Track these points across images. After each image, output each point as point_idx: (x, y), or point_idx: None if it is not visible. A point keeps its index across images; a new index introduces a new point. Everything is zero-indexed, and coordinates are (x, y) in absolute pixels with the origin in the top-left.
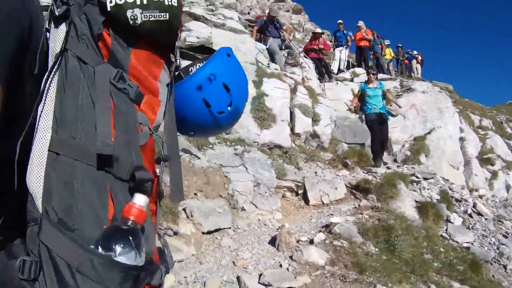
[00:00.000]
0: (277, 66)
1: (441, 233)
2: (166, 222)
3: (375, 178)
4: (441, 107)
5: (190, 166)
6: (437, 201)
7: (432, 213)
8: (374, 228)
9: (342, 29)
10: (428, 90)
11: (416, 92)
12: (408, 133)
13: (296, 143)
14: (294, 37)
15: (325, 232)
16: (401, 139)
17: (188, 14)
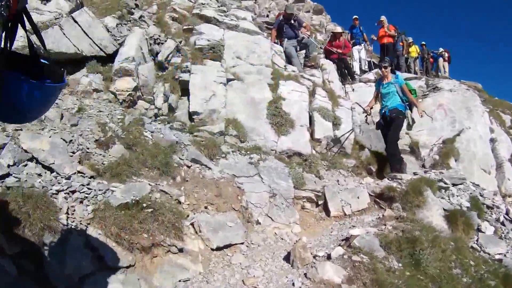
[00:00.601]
0: (294, 68)
1: (471, 244)
2: (169, 238)
3: (400, 185)
4: (469, 106)
5: (200, 178)
6: (467, 209)
7: (461, 222)
8: (397, 241)
9: (358, 25)
10: (455, 89)
11: (443, 91)
12: (436, 136)
13: (316, 150)
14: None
15: (344, 246)
16: (429, 143)
17: (199, 17)
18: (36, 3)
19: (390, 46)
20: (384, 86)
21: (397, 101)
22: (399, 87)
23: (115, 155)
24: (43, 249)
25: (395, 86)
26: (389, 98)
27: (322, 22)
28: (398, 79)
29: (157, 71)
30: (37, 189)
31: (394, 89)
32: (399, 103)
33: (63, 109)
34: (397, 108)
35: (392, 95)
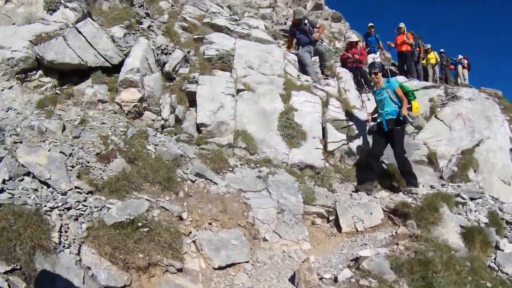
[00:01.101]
0: (308, 77)
1: (488, 263)
2: (166, 258)
3: (416, 200)
4: (489, 116)
5: (205, 193)
6: (485, 225)
7: (479, 239)
8: (409, 263)
9: (373, 32)
10: (474, 97)
11: (462, 100)
12: (455, 146)
13: (329, 162)
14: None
15: (353, 268)
16: (448, 153)
17: (210, 26)
18: (42, 13)
19: (408, 53)
20: (377, 93)
21: (391, 107)
22: (392, 91)
23: (115, 169)
24: (34, 267)
25: (387, 92)
26: (383, 105)
27: (341, 30)
28: (390, 83)
29: (164, 81)
30: (29, 206)
31: (386, 95)
32: (393, 110)
33: (66, 121)
34: (392, 117)
35: (385, 102)
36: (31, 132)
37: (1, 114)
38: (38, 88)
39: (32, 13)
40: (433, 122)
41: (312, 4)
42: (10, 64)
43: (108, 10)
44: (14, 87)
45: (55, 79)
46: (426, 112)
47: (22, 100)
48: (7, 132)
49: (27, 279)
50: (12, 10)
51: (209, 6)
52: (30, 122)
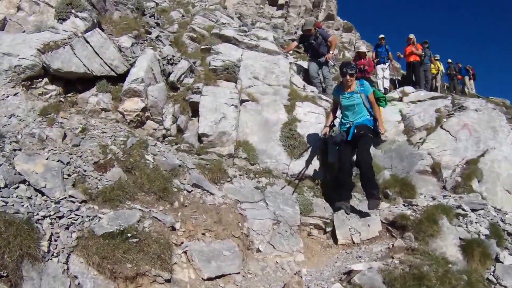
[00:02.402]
0: (313, 88)
1: (487, 275)
2: (154, 269)
3: (415, 212)
4: (495, 126)
5: (200, 203)
6: (485, 237)
7: (478, 252)
8: (403, 277)
9: (384, 44)
10: (481, 108)
11: (468, 111)
12: (459, 156)
13: (330, 173)
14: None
15: (344, 282)
16: (452, 163)
17: (219, 37)
18: (53, 22)
19: (417, 64)
20: (346, 97)
21: (365, 115)
22: (366, 97)
23: (111, 178)
24: (20, 275)
25: (361, 96)
26: (354, 111)
27: (351, 40)
28: (365, 87)
29: (168, 91)
30: (21, 215)
31: (359, 100)
32: (366, 119)
33: (67, 129)
34: (366, 124)
35: (358, 109)
36: (31, 140)
37: (3, 121)
38: (42, 96)
39: (43, 22)
40: (439, 132)
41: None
42: (16, 71)
43: (118, 20)
44: (19, 94)
45: (60, 87)
46: (432, 123)
47: (26, 107)
48: (8, 139)
49: (13, 286)
50: (23, 18)
51: (219, 17)
52: (31, 130)
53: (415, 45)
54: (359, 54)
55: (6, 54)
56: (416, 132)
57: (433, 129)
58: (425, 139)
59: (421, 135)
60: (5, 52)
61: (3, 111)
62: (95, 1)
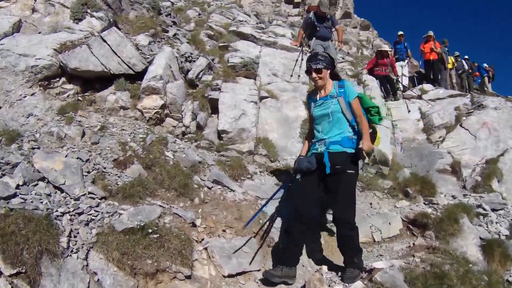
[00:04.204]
0: None
1: (507, 277)
2: (175, 265)
3: (436, 211)
4: None
5: (221, 200)
6: (505, 237)
7: (498, 252)
8: (424, 276)
9: (403, 41)
10: (500, 106)
11: (487, 109)
12: (479, 155)
13: None
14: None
15: (365, 280)
16: (472, 162)
17: (236, 34)
18: (68, 22)
19: (436, 62)
20: (318, 104)
21: (344, 130)
22: (346, 103)
23: (131, 175)
24: (39, 271)
25: (339, 102)
26: (328, 122)
27: (369, 38)
28: (346, 89)
29: (187, 89)
30: (40, 212)
31: (336, 107)
32: (344, 136)
33: (86, 127)
34: (342, 149)
35: (333, 118)
36: (49, 138)
37: (21, 120)
38: (60, 95)
39: (59, 23)
40: (458, 131)
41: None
42: (33, 71)
43: (134, 19)
44: (36, 94)
45: (78, 86)
46: (451, 121)
47: (44, 107)
48: (26, 138)
49: (31, 282)
50: (38, 19)
51: (236, 14)
52: (50, 128)
53: (434, 43)
54: (381, 52)
55: (22, 55)
56: (436, 130)
57: (453, 128)
58: (444, 137)
59: (441, 133)
60: (21, 53)
61: (21, 111)
62: (110, 1)
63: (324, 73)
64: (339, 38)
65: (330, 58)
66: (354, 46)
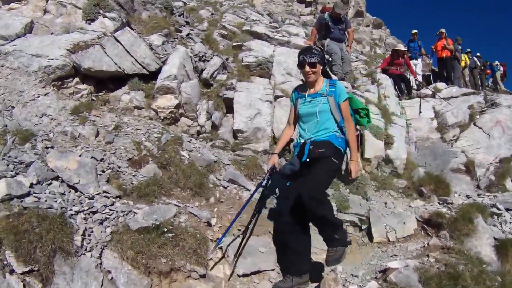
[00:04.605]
0: (347, 84)
1: None
2: (189, 264)
3: (450, 210)
4: None
5: (237, 199)
6: None
7: None
8: (438, 276)
9: (417, 39)
10: None
11: (501, 107)
12: (493, 154)
13: (366, 170)
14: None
15: (380, 280)
16: (486, 162)
17: (250, 33)
18: (81, 23)
19: (449, 59)
20: (306, 100)
21: (331, 129)
22: (336, 104)
23: (146, 174)
24: (52, 269)
25: (329, 102)
26: (315, 122)
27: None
28: (336, 88)
29: (202, 88)
30: (54, 210)
31: (325, 107)
32: (333, 134)
33: (100, 126)
34: (330, 141)
35: (321, 117)
36: (63, 138)
37: (35, 120)
38: (74, 95)
39: (71, 23)
40: (472, 130)
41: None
42: (46, 71)
43: (147, 19)
44: (50, 94)
45: (91, 86)
46: (465, 120)
47: (57, 107)
48: (39, 137)
49: (44, 280)
50: (50, 20)
51: (249, 14)
52: (64, 128)
53: (446, 40)
54: (397, 52)
55: (35, 56)
56: (449, 129)
57: (466, 126)
58: (458, 136)
59: (454, 132)
60: (34, 53)
61: (34, 111)
62: (123, 2)
63: (318, 68)
64: (349, 43)
65: (323, 54)
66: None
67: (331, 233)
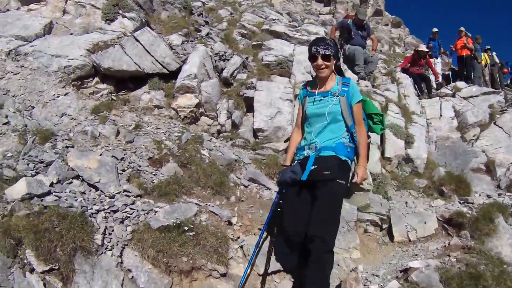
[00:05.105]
0: (367, 82)
1: None
2: (210, 263)
3: (471, 210)
4: None
5: (257, 198)
6: None
7: None
8: (459, 276)
9: (437, 38)
10: None
11: None
12: None
13: (386, 169)
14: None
15: (401, 279)
16: (506, 161)
17: (269, 32)
18: (100, 23)
19: (468, 58)
20: (316, 99)
21: (340, 135)
22: (349, 106)
23: (167, 173)
24: (73, 268)
25: (340, 102)
26: (322, 126)
27: (400, 35)
28: (350, 89)
29: (222, 87)
30: (74, 209)
31: (336, 108)
32: (341, 142)
33: (120, 126)
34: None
35: (330, 119)
36: (84, 137)
37: (55, 120)
38: (94, 95)
39: (90, 24)
40: (492, 129)
41: (373, 10)
42: (66, 71)
43: (166, 19)
44: (70, 94)
45: (111, 86)
46: (485, 119)
47: (77, 106)
48: (59, 137)
49: (64, 279)
50: (69, 21)
51: (268, 13)
52: (84, 127)
53: (466, 38)
54: (418, 52)
55: (54, 56)
56: (470, 128)
57: (487, 126)
58: (478, 135)
59: (475, 131)
60: (53, 54)
61: (54, 111)
62: (141, 2)
63: (332, 62)
64: (374, 47)
65: (337, 47)
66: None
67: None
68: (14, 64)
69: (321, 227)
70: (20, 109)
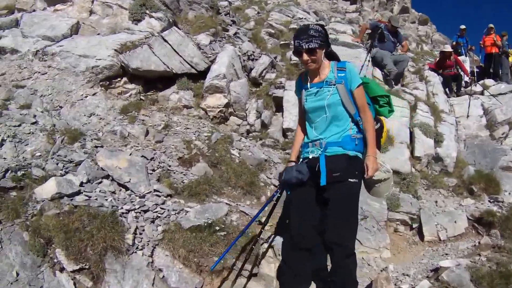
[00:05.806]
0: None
1: None
2: (241, 262)
3: (501, 209)
4: None
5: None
6: None
7: None
8: (490, 275)
9: (465, 35)
10: None
11: None
12: None
13: (416, 168)
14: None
15: (432, 279)
16: None
17: None
18: (127, 23)
19: (497, 55)
20: (311, 92)
21: (345, 127)
22: (348, 92)
23: (197, 173)
24: (103, 267)
25: (338, 90)
26: (324, 120)
27: (427, 33)
28: (347, 73)
29: (251, 87)
30: (105, 209)
31: (335, 98)
32: (348, 135)
33: (149, 126)
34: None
35: (331, 112)
36: (113, 137)
37: (83, 120)
38: (122, 95)
39: (117, 24)
40: None
41: (399, 7)
42: (94, 72)
43: (193, 19)
44: (98, 94)
45: (139, 86)
46: None
47: (106, 106)
48: (88, 136)
49: (95, 278)
50: (96, 21)
51: (295, 12)
52: (113, 127)
53: (495, 36)
54: (444, 54)
55: (82, 56)
56: (499, 126)
57: None
58: (507, 133)
59: (504, 129)
60: (81, 54)
61: (82, 110)
62: (168, 2)
63: (319, 53)
64: (404, 50)
65: (324, 32)
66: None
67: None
68: (42, 64)
69: (338, 233)
70: (48, 108)
